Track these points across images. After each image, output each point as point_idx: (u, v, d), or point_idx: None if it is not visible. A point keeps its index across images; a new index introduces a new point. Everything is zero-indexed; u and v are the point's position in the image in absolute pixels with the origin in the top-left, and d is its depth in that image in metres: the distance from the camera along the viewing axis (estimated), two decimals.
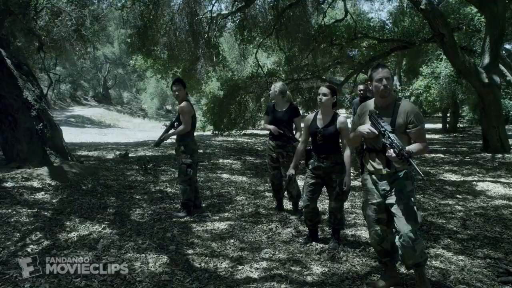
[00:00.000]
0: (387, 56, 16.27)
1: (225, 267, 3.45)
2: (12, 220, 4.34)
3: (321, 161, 3.80)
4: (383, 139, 2.70)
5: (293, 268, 3.46)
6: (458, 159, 9.99)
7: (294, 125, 5.00)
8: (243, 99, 17.24)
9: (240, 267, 3.45)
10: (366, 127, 2.82)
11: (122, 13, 11.17)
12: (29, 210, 4.69)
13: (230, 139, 15.65)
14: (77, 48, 10.26)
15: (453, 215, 5.16)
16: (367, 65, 16.68)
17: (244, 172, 8.12)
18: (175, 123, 5.01)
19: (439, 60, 16.60)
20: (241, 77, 17.70)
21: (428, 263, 3.55)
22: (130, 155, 9.27)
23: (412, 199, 2.84)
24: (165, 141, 5.28)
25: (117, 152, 9.62)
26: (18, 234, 3.98)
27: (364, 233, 4.40)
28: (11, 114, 6.56)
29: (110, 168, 7.55)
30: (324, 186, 3.99)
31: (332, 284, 3.19)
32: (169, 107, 51.09)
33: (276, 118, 4.96)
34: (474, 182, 7.14)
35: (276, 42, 13.61)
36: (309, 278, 3.26)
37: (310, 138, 3.99)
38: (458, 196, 6.22)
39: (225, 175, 7.70)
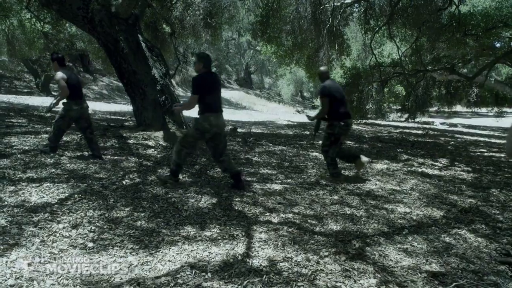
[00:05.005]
0: None
1: (255, 212, 4.27)
2: (122, 164, 5.81)
3: None
4: None
5: (310, 221, 4.10)
6: None
7: None
8: (365, 88, 17.37)
9: (267, 214, 4.23)
10: None
11: (244, 3, 12.42)
12: (136, 160, 6.14)
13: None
14: (203, 34, 11.93)
15: None
16: (504, 57, 15.32)
17: None
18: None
19: None
20: (364, 66, 17.78)
21: (440, 237, 3.87)
22: (239, 130, 10.53)
23: None
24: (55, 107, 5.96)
25: (229, 127, 10.97)
26: (122, 172, 5.38)
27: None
28: (141, 87, 8.23)
29: None
30: None
31: (336, 238, 3.70)
32: (306, 94, 52.43)
33: None
34: None
35: (394, 31, 13.51)
36: (317, 229, 3.88)
37: None
38: None
39: (314, 153, 8.36)
